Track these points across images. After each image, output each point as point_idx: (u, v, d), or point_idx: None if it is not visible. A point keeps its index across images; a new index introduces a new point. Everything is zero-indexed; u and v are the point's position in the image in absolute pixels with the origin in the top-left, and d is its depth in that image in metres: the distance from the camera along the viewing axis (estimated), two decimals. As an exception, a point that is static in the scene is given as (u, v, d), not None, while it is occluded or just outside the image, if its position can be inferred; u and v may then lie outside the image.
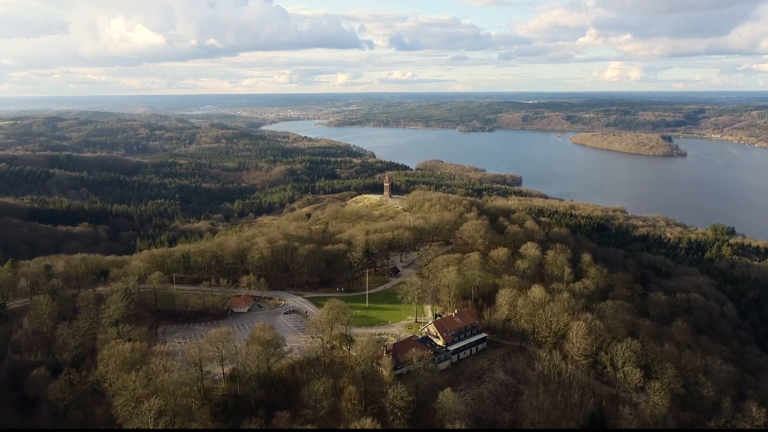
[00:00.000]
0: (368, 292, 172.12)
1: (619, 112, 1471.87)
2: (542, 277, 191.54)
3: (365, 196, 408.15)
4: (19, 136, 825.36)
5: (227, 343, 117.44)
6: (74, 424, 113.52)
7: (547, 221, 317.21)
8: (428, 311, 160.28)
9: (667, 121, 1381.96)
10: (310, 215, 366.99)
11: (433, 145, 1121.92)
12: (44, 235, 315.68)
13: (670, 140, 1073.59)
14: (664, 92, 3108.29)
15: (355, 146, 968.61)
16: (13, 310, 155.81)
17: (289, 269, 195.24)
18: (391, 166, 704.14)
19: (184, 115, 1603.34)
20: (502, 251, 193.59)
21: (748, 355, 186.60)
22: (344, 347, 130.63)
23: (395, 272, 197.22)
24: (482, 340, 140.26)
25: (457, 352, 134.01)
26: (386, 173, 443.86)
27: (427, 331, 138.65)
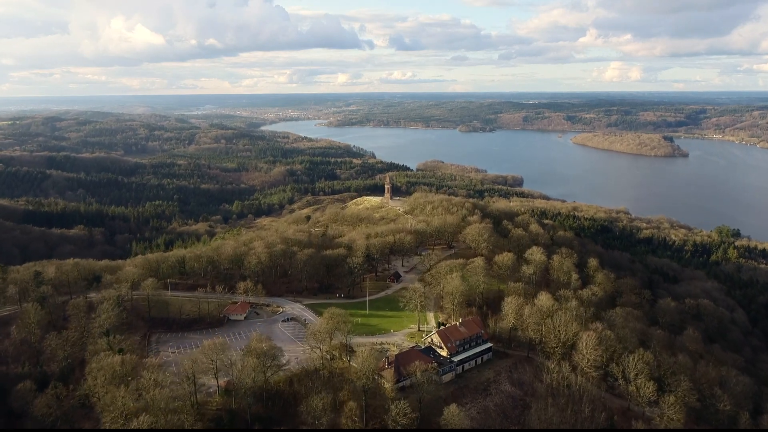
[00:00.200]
0: (369, 298, 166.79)
1: (620, 112, 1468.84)
2: (548, 282, 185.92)
3: (366, 198, 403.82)
4: (17, 136, 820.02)
5: (222, 354, 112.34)
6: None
7: (550, 224, 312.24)
8: (431, 319, 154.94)
9: (668, 121, 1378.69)
10: (309, 217, 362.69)
11: (433, 145, 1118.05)
12: (38, 238, 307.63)
13: (671, 140, 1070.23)
14: (664, 92, 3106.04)
15: (355, 147, 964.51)
16: (1, 318, 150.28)
17: (287, 275, 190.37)
18: (391, 166, 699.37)
19: (183, 115, 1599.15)
20: (507, 256, 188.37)
21: (760, 363, 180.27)
22: (344, 358, 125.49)
23: (397, 277, 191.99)
24: (488, 350, 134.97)
25: (461, 363, 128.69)
26: (387, 174, 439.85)
27: (430, 341, 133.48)
